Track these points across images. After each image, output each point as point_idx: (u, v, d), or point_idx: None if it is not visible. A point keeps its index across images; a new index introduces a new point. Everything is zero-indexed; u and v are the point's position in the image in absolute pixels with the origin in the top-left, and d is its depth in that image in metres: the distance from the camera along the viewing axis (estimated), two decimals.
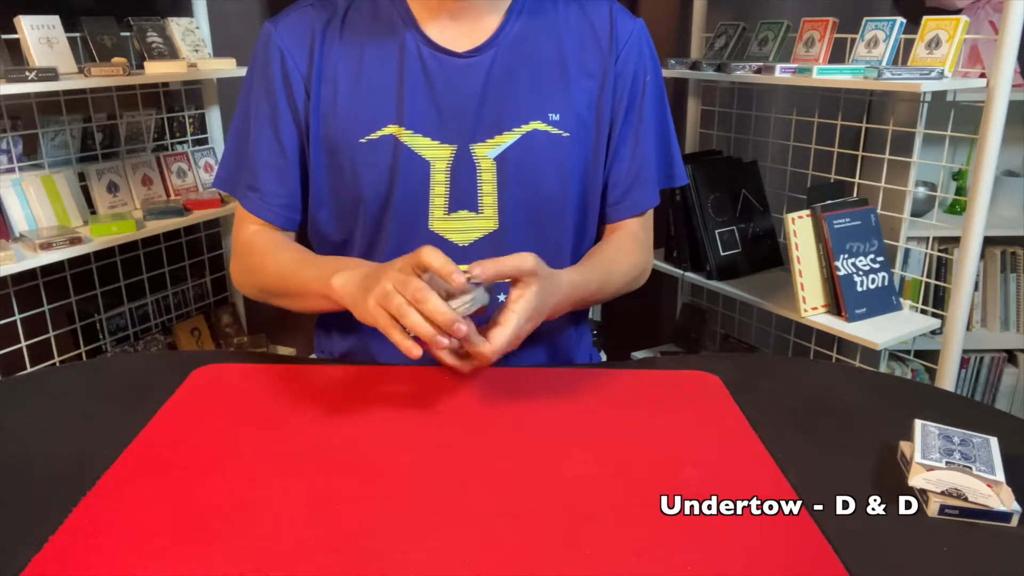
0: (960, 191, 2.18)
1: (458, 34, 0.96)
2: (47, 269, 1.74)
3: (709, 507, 0.66)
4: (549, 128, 0.96)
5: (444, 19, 0.96)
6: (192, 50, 1.96)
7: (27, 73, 1.51)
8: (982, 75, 1.47)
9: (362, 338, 1.04)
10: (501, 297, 0.84)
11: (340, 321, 1.09)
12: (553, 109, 0.97)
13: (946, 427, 0.71)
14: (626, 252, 1.04)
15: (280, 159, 0.98)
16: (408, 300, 0.75)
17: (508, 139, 0.96)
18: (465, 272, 0.77)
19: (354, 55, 0.95)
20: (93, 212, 1.84)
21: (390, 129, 0.95)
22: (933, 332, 1.61)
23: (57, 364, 1.80)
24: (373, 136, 0.95)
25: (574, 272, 0.94)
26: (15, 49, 1.62)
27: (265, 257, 0.98)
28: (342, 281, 0.84)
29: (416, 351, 0.75)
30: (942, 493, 0.65)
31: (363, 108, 0.95)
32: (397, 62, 0.95)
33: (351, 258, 0.96)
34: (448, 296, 0.78)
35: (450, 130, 0.95)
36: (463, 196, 0.96)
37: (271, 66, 0.96)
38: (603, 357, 1.34)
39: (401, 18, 0.96)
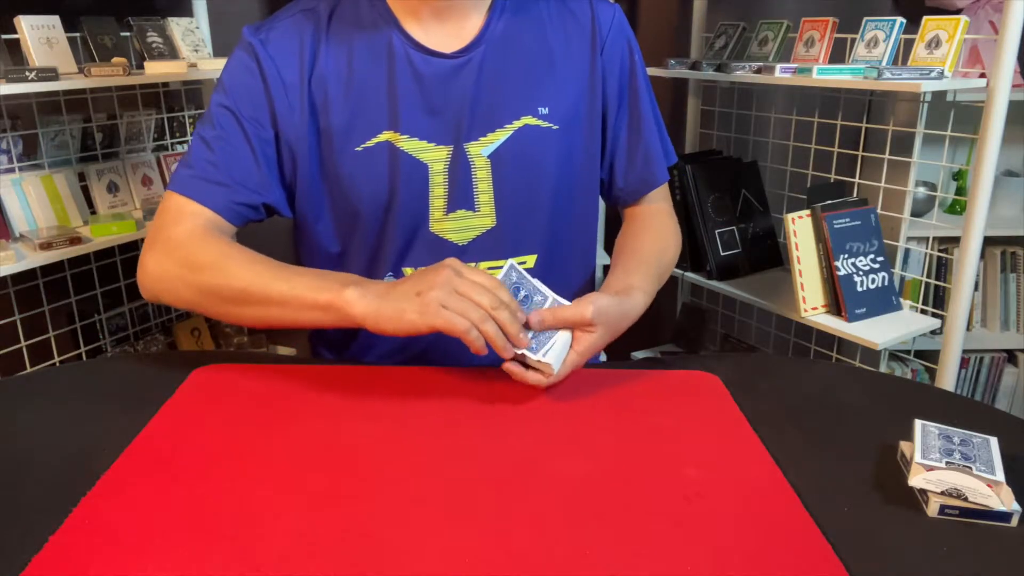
0: (960, 191, 2.18)
1: (444, 35, 0.95)
2: (47, 269, 1.74)
3: (709, 507, 0.66)
4: (539, 122, 0.97)
5: (428, 20, 0.95)
6: (192, 50, 1.96)
7: (27, 73, 1.51)
8: (982, 75, 1.47)
9: (359, 346, 1.04)
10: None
11: (338, 330, 1.08)
12: (542, 103, 0.97)
13: (946, 427, 0.71)
14: (668, 235, 1.07)
15: (252, 164, 0.94)
16: (484, 305, 0.77)
17: (501, 136, 0.96)
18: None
19: (342, 63, 0.94)
20: (93, 212, 1.83)
21: (385, 135, 0.94)
22: (933, 332, 1.61)
23: (57, 364, 1.80)
24: (368, 144, 0.94)
25: (643, 291, 0.92)
26: (15, 49, 1.62)
27: (224, 255, 0.87)
28: (358, 293, 0.79)
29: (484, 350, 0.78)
30: (942, 493, 0.65)
31: (356, 116, 0.94)
32: (386, 67, 0.94)
33: (335, 273, 0.87)
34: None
35: (444, 131, 0.95)
36: (460, 196, 0.96)
37: (252, 77, 0.93)
38: (603, 357, 1.34)
39: (384, 21, 0.95)
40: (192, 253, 0.88)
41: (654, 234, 1.05)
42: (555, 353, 0.80)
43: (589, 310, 0.81)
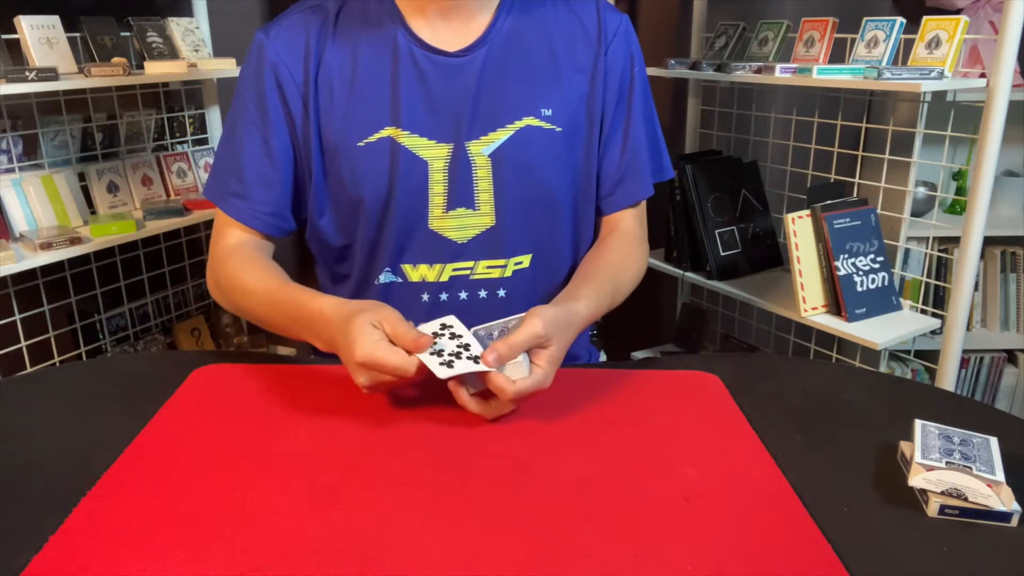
0: (960, 191, 2.18)
1: (449, 34, 0.96)
2: (47, 269, 1.74)
3: (709, 507, 0.66)
4: (542, 123, 0.97)
5: (435, 19, 0.96)
6: (192, 50, 1.97)
7: (27, 73, 1.51)
8: (982, 75, 1.47)
9: None
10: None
11: None
12: (545, 104, 0.98)
13: (946, 427, 0.71)
14: (631, 260, 1.04)
15: (269, 168, 0.97)
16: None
17: (502, 135, 0.96)
18: (487, 354, 0.77)
19: (347, 59, 0.96)
20: (93, 212, 1.84)
21: (387, 131, 0.95)
22: (933, 332, 1.61)
23: (57, 364, 1.80)
24: (371, 139, 0.95)
25: (589, 300, 0.91)
26: (15, 49, 1.62)
27: (234, 281, 0.95)
28: (323, 345, 0.85)
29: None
30: (942, 493, 0.65)
31: (360, 112, 0.95)
32: (391, 64, 0.95)
33: (313, 304, 0.86)
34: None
35: (446, 129, 0.95)
36: (460, 194, 0.97)
37: (263, 76, 0.96)
38: (603, 357, 1.34)
39: (390, 19, 0.96)
40: (227, 276, 0.97)
41: (615, 253, 1.03)
42: (516, 368, 0.77)
43: (539, 325, 0.79)
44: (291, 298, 0.89)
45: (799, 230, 1.57)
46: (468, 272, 0.99)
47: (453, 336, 0.79)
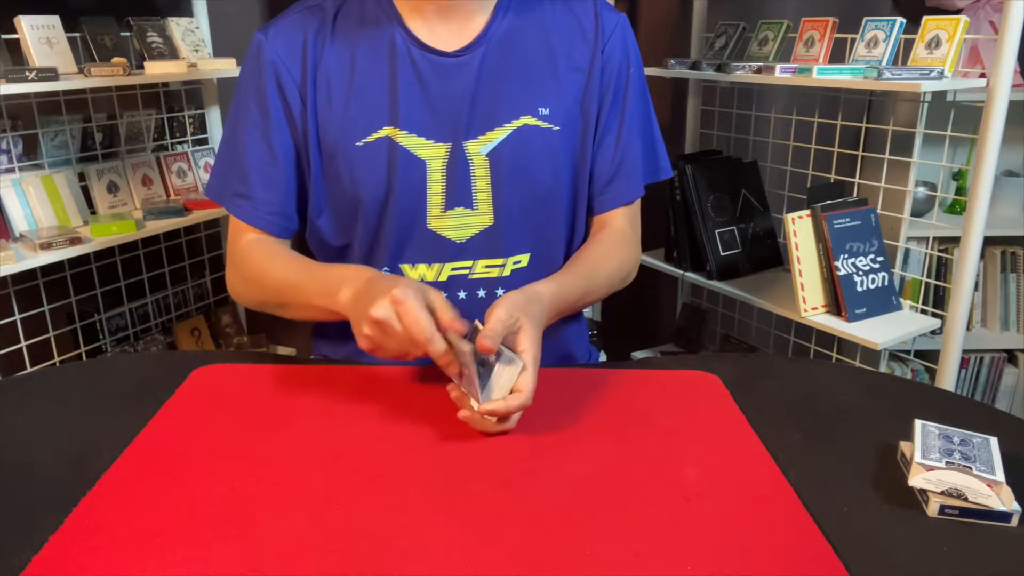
0: (960, 191, 2.18)
1: (447, 33, 0.96)
2: (47, 269, 1.74)
3: (709, 507, 0.66)
4: (539, 122, 0.97)
5: (432, 19, 0.96)
6: (192, 50, 1.97)
7: (27, 73, 1.51)
8: (982, 75, 1.47)
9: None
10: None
11: (338, 327, 1.09)
12: (543, 103, 0.98)
13: (946, 427, 0.72)
14: (612, 252, 1.03)
15: (271, 168, 0.97)
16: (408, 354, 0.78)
17: (500, 135, 0.96)
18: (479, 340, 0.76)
19: (346, 59, 0.96)
20: (93, 212, 1.84)
21: (385, 131, 0.95)
22: (933, 332, 1.61)
23: (57, 364, 1.80)
24: (369, 139, 0.95)
25: (553, 283, 0.92)
26: (15, 49, 1.63)
27: (263, 268, 0.97)
28: (346, 299, 0.85)
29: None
30: (942, 493, 0.65)
31: (358, 112, 0.95)
32: (389, 64, 0.95)
33: (350, 266, 0.91)
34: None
35: (444, 129, 0.96)
36: (458, 193, 0.97)
37: (264, 76, 0.96)
38: (603, 357, 1.34)
39: (388, 18, 0.96)
40: (242, 267, 1.00)
41: (596, 247, 1.03)
42: (498, 389, 0.77)
43: (500, 310, 0.79)
44: (327, 265, 0.95)
45: (799, 230, 1.57)
46: (467, 272, 0.99)
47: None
